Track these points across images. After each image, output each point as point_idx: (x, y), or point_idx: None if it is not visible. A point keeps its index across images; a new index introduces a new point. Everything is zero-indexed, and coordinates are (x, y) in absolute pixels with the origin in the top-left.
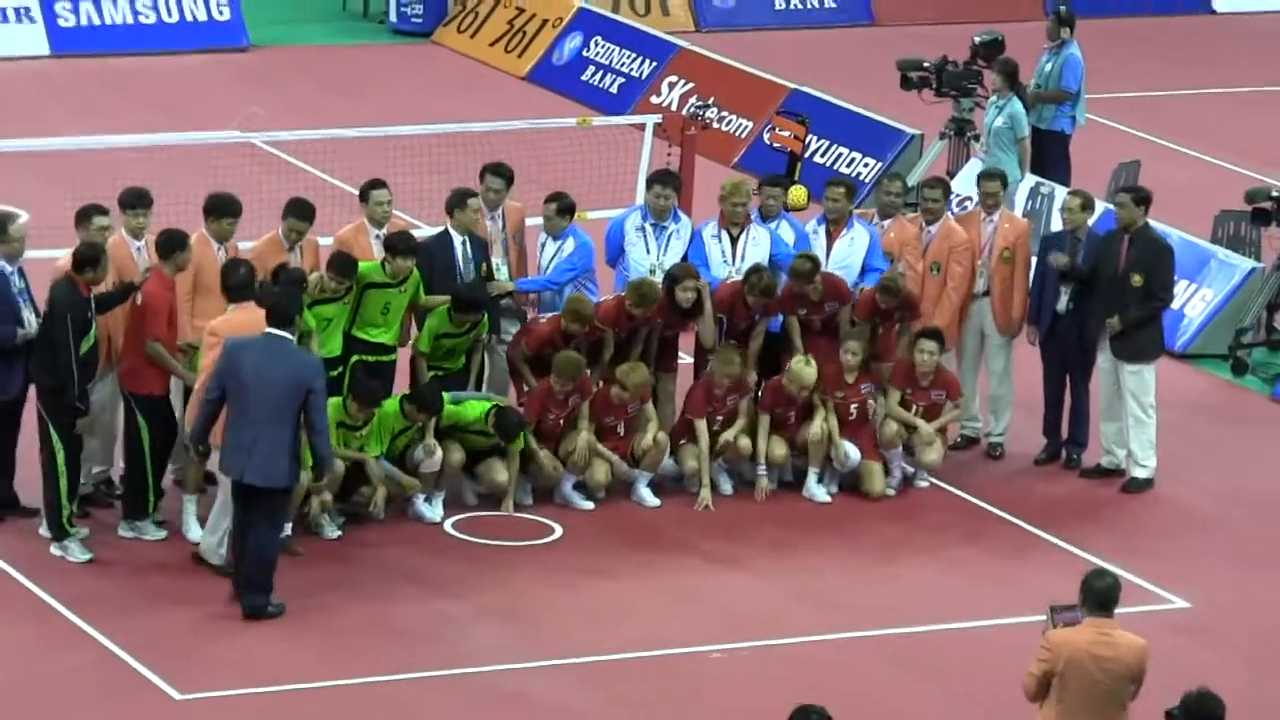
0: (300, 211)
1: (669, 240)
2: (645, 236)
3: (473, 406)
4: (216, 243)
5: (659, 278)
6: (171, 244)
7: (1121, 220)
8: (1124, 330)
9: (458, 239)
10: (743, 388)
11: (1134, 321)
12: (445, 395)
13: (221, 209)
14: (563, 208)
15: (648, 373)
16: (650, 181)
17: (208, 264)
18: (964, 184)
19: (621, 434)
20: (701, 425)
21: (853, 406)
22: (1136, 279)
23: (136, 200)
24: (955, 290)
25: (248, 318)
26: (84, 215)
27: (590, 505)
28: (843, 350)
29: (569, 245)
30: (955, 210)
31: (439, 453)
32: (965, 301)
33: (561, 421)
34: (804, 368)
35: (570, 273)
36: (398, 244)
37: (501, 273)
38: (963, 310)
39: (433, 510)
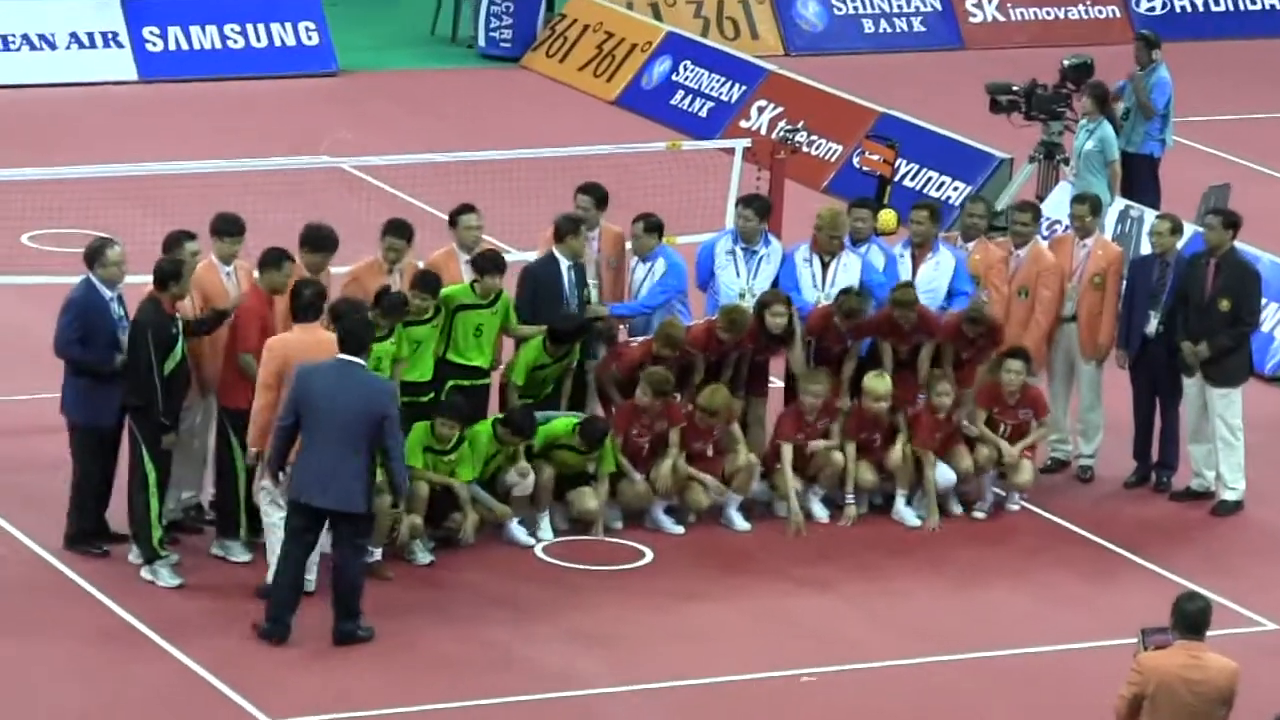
0: (398, 231)
1: (759, 264)
2: (735, 260)
3: (560, 422)
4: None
5: (749, 302)
6: (267, 261)
7: (1210, 243)
8: (1213, 356)
9: (564, 264)
10: (833, 412)
11: (1222, 349)
12: (541, 429)
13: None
14: (650, 225)
15: (729, 394)
16: (737, 204)
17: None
18: (1053, 208)
19: (710, 456)
20: (788, 450)
21: (964, 426)
22: (1224, 304)
23: (229, 227)
24: (1043, 314)
25: (309, 338)
26: (174, 241)
27: (680, 530)
28: (934, 394)
29: (659, 267)
30: (1046, 234)
31: (531, 475)
32: (1053, 326)
33: (647, 445)
34: (876, 380)
35: (664, 295)
36: (485, 263)
37: (592, 295)
38: (1050, 334)
39: (527, 534)
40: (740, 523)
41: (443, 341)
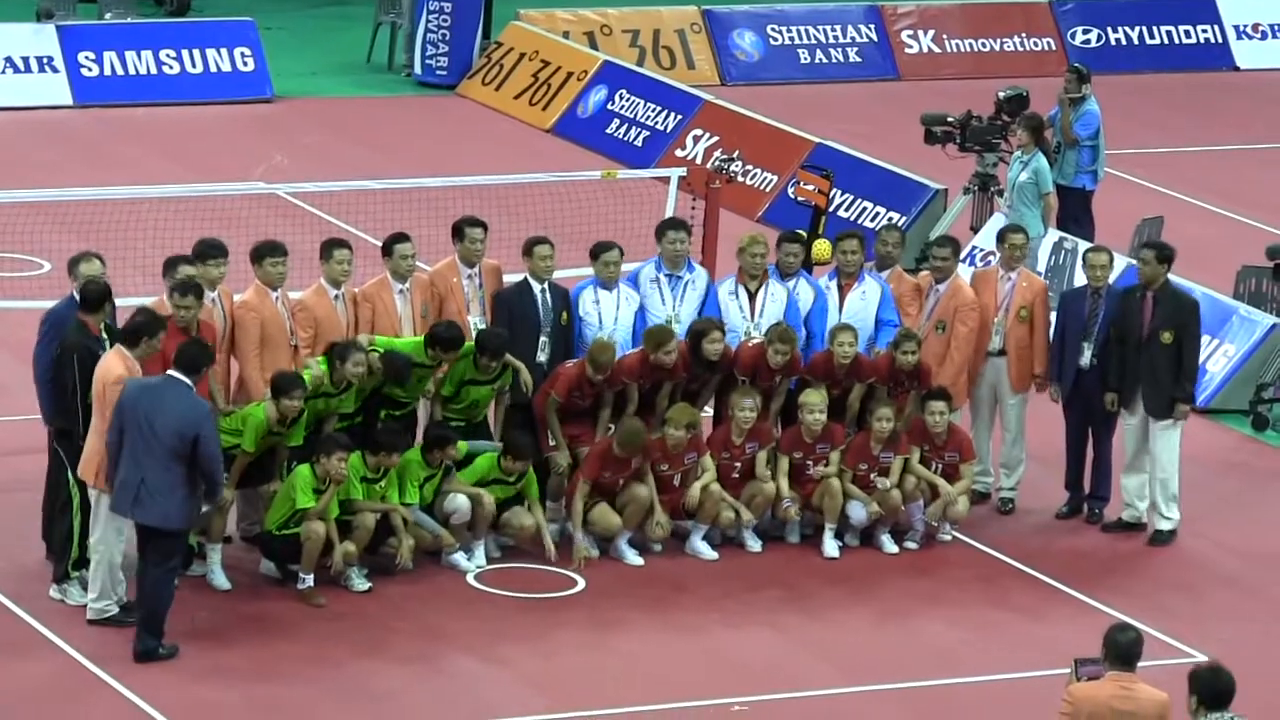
0: (343, 244)
1: (684, 290)
2: (660, 287)
3: (482, 460)
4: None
5: (673, 328)
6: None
7: (1144, 277)
8: (1156, 390)
9: (537, 286)
10: (763, 435)
11: (1188, 391)
12: (464, 444)
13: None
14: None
15: (696, 411)
16: (662, 229)
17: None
18: (988, 239)
19: (678, 484)
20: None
21: (874, 478)
22: (1166, 336)
23: (212, 251)
24: (958, 349)
25: (119, 362)
26: (171, 264)
27: (640, 561)
28: (875, 418)
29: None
30: (979, 265)
31: (466, 503)
32: (969, 361)
33: (621, 481)
34: (813, 393)
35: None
36: (447, 340)
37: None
38: (972, 369)
39: (469, 560)
40: (707, 552)
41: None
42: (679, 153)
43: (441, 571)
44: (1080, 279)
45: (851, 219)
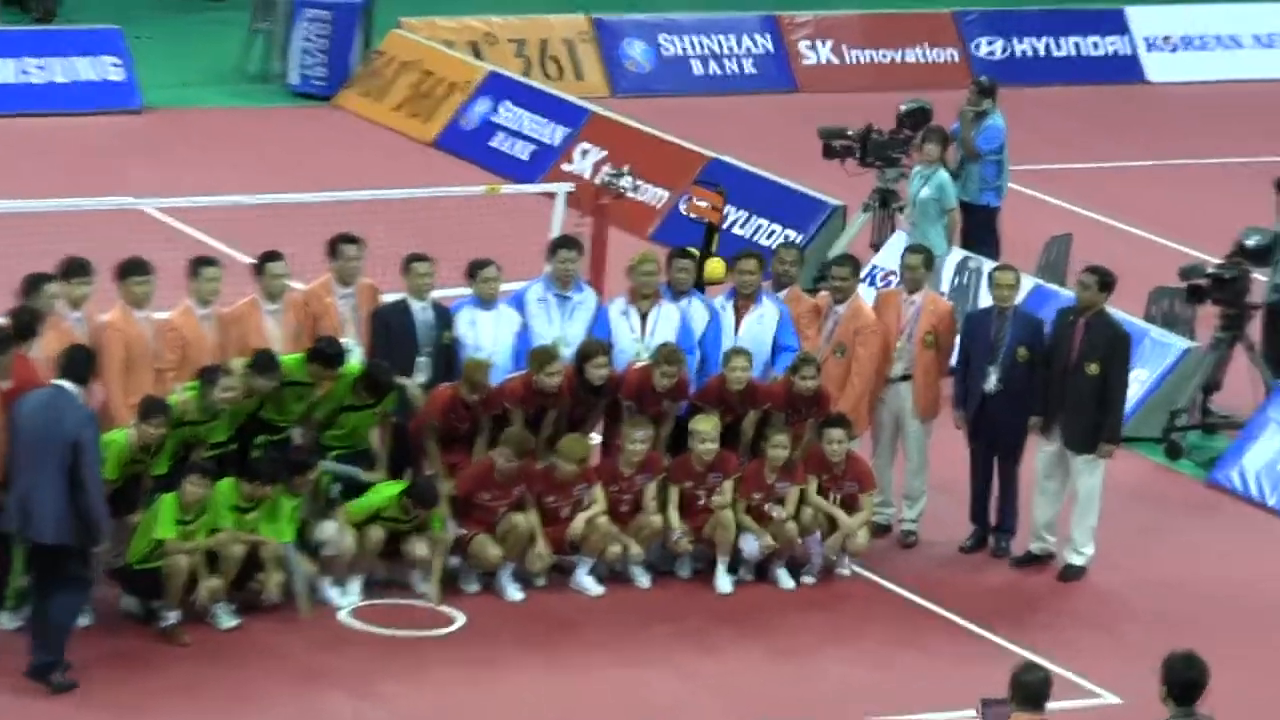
0: (207, 261)
1: (573, 310)
2: (548, 308)
3: (382, 491)
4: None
5: (561, 349)
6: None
7: (1082, 302)
8: (1077, 423)
9: (416, 304)
10: (652, 465)
11: (1113, 429)
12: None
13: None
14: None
15: (589, 445)
16: (554, 247)
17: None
18: (889, 258)
19: (565, 516)
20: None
21: (769, 507)
22: (1092, 368)
23: (77, 269)
24: (859, 375)
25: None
26: (34, 283)
27: (521, 596)
28: (770, 445)
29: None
30: (880, 285)
31: (347, 536)
32: (870, 386)
33: (501, 507)
34: (704, 421)
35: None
36: (329, 356)
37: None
38: (873, 394)
39: (344, 595)
40: (592, 587)
41: (259, 401)
42: (566, 167)
43: (314, 607)
44: (986, 299)
45: (747, 237)
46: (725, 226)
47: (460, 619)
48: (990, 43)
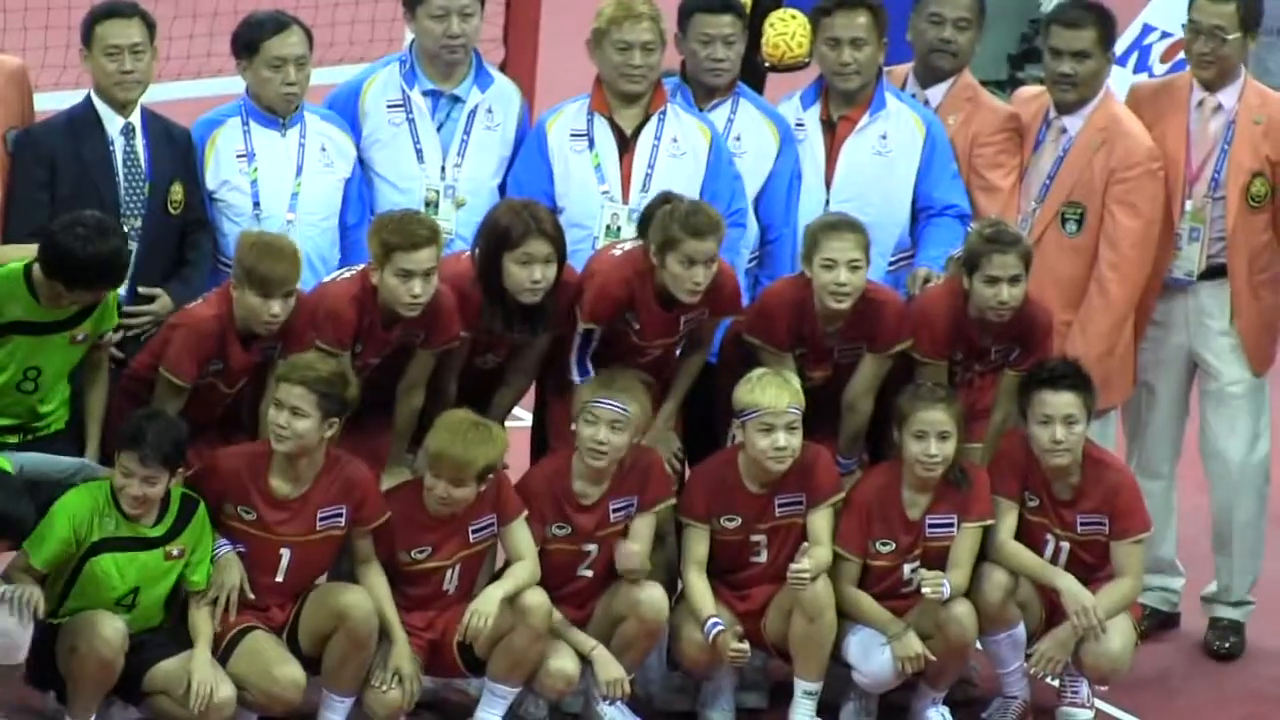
0: None
1: (468, 127)
2: (413, 117)
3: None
4: None
5: (443, 212)
6: None
7: None
8: None
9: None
10: (649, 481)
11: None
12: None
13: None
14: None
15: (502, 436)
16: None
17: None
18: (1172, 9)
19: (448, 590)
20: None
21: (912, 573)
22: None
23: None
24: (1115, 268)
25: None
26: None
27: None
28: (909, 433)
29: None
30: (1155, 69)
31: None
32: (1136, 293)
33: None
34: (770, 383)
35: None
36: None
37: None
38: (1140, 316)
39: None
40: None
41: None
42: None
43: None
44: None
45: None
46: None
47: None
48: None
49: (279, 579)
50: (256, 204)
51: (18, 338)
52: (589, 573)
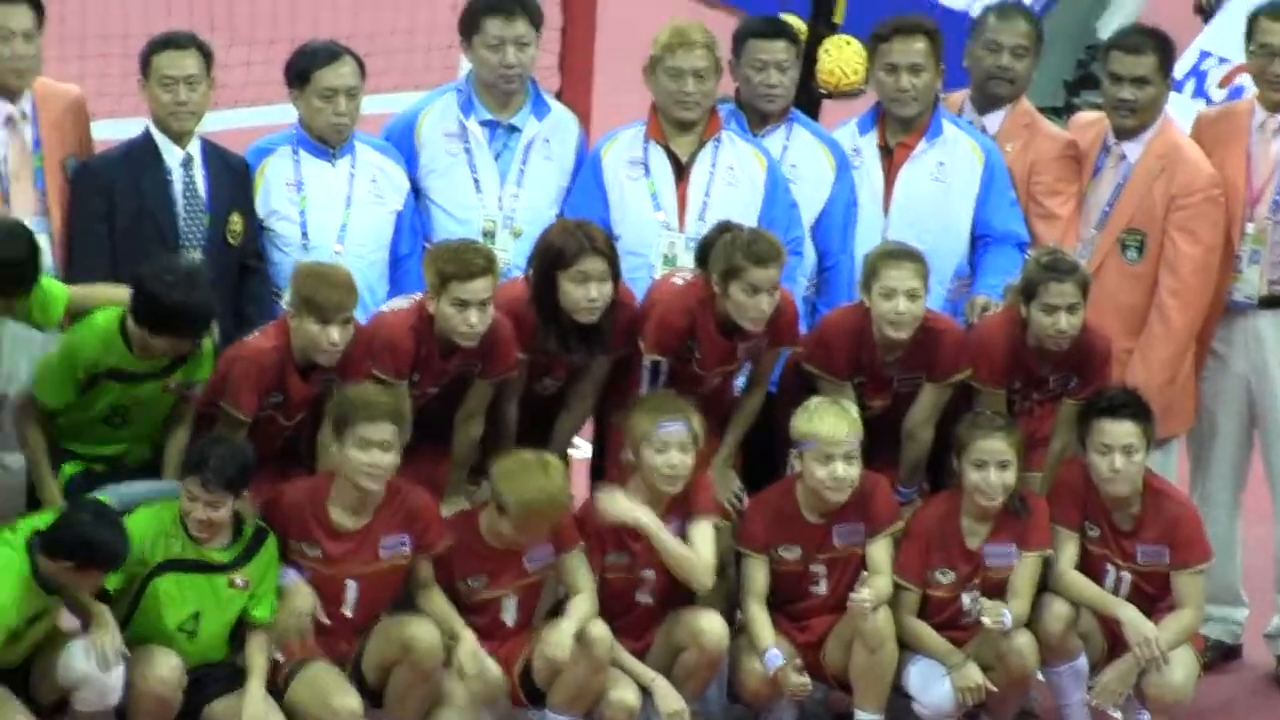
0: None
1: (525, 153)
2: (471, 147)
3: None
4: None
5: (500, 242)
6: None
7: None
8: None
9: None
10: (698, 500)
11: None
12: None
13: None
14: None
15: (562, 471)
16: (474, 14)
17: None
18: (1231, 35)
19: (507, 622)
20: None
21: (971, 603)
22: None
23: None
24: (1175, 295)
25: None
26: None
27: None
28: (969, 460)
29: None
30: (1214, 97)
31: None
32: (1197, 326)
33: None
34: (829, 411)
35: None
36: None
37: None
38: (1201, 345)
39: None
40: None
41: None
42: None
43: None
44: None
45: None
46: None
47: None
48: None
49: (347, 612)
50: (305, 234)
51: (110, 382)
52: (648, 599)
